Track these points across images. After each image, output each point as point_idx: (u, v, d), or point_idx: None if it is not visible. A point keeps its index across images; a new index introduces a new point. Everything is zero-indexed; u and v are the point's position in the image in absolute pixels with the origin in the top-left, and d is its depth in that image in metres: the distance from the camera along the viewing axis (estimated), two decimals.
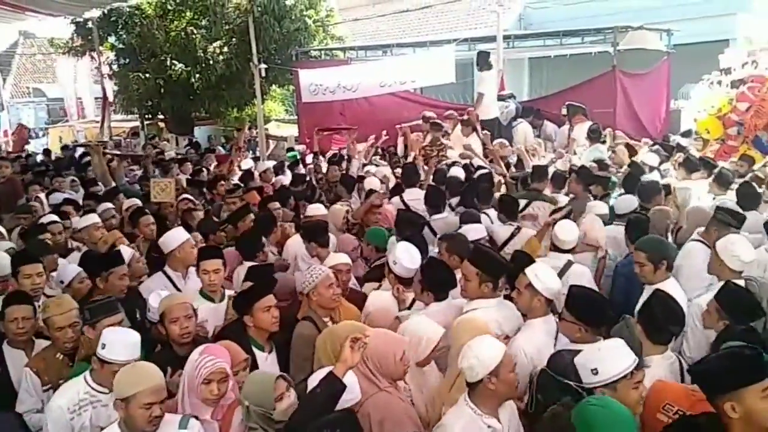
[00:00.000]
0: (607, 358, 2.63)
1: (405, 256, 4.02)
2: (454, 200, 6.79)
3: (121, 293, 4.35)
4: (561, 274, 4.32)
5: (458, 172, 7.73)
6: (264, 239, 5.35)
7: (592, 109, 10.78)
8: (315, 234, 5.26)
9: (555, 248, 4.81)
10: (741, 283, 3.83)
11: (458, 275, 3.96)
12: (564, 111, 10.97)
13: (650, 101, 12.29)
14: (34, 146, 21.36)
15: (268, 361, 3.59)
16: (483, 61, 11.21)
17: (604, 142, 9.88)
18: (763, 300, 3.89)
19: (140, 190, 8.48)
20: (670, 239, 5.36)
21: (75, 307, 3.78)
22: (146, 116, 19.44)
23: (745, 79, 9.52)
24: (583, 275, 4.60)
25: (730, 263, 4.01)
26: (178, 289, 4.64)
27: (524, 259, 4.08)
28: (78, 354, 3.63)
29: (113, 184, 8.41)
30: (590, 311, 3.27)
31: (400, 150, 10.73)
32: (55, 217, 6.32)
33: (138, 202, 7.07)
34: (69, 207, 7.07)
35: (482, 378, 2.67)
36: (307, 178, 9.01)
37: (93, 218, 6.22)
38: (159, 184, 7.04)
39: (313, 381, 2.80)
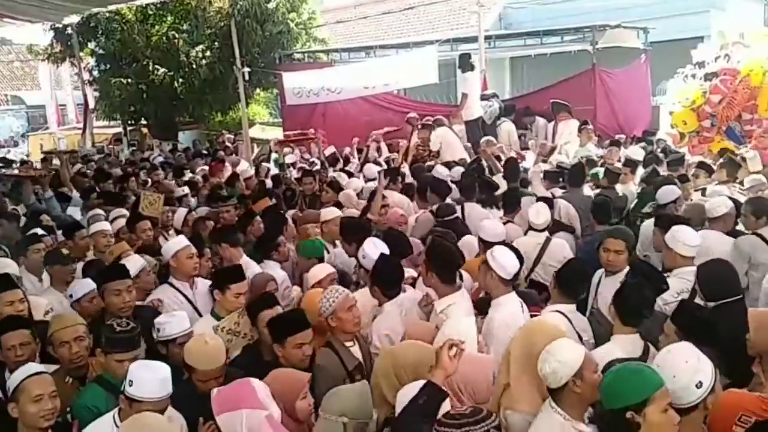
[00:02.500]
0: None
1: (372, 251, 4.19)
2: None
3: (126, 311, 4.00)
4: (543, 248, 5.07)
5: (442, 171, 7.86)
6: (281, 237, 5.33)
7: (573, 107, 10.97)
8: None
9: (531, 228, 5.33)
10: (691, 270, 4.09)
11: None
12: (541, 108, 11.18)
13: (631, 98, 12.53)
14: (14, 155, 21.12)
15: None
16: (465, 62, 11.34)
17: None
18: None
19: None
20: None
21: (80, 322, 3.54)
22: (129, 122, 19.29)
23: (718, 72, 9.76)
24: (563, 247, 5.19)
25: (682, 251, 4.24)
26: (189, 300, 4.49)
27: None
28: (88, 376, 3.44)
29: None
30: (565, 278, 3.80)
31: (371, 155, 10.78)
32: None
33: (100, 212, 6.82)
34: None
35: (567, 381, 2.56)
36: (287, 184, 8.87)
37: (103, 225, 5.95)
38: (148, 197, 6.91)
39: (406, 395, 2.59)
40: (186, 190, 8.47)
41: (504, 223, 5.70)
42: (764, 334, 3.04)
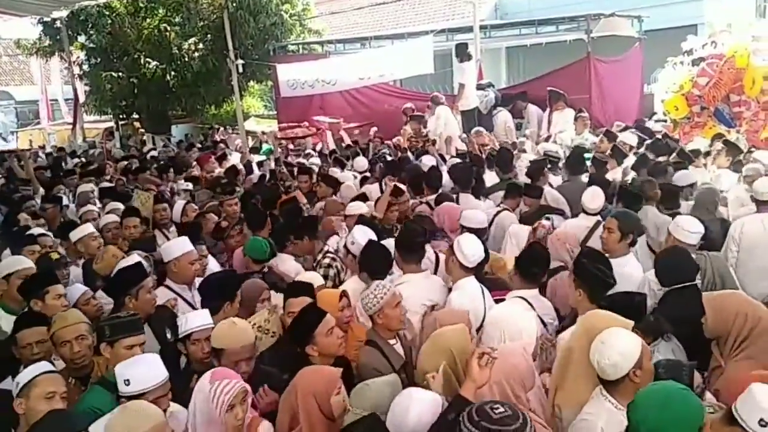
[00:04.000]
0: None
1: (362, 238, 4.34)
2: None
3: (152, 309, 3.92)
4: (592, 231, 5.02)
5: (430, 161, 7.98)
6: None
7: (568, 96, 10.98)
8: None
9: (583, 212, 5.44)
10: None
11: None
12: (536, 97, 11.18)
13: (625, 87, 12.54)
14: None
15: None
16: (462, 52, 11.33)
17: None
18: (714, 271, 4.19)
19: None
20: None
21: (83, 320, 3.46)
22: (121, 116, 19.14)
23: (705, 57, 9.81)
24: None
25: (686, 239, 4.23)
26: (189, 303, 4.27)
27: None
28: (92, 377, 3.36)
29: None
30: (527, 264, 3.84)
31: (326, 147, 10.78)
32: (43, 230, 5.96)
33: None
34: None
35: (627, 372, 2.53)
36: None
37: (88, 228, 5.68)
38: (141, 196, 6.84)
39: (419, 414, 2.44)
40: (188, 185, 8.40)
41: (499, 212, 5.89)
42: (719, 317, 3.12)
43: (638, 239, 4.60)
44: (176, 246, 4.42)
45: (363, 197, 6.29)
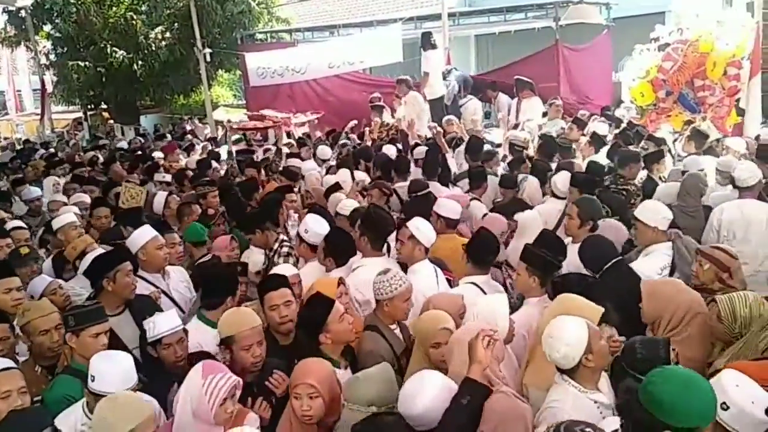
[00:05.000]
0: None
1: (316, 226, 4.38)
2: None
3: (132, 293, 3.87)
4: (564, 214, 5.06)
5: (390, 151, 8.03)
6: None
7: (537, 83, 10.98)
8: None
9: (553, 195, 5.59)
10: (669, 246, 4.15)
11: None
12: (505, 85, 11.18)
13: (593, 74, 12.57)
14: None
15: (344, 379, 3.06)
16: (426, 41, 11.22)
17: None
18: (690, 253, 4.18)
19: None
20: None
21: (56, 310, 3.46)
22: (89, 106, 18.88)
23: (670, 42, 9.88)
24: None
25: (660, 225, 4.22)
26: (164, 292, 4.25)
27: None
28: (58, 366, 3.36)
29: None
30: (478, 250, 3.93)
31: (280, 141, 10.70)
32: (19, 222, 5.88)
33: None
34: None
35: (579, 360, 2.57)
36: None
37: (69, 217, 5.53)
38: (130, 190, 6.69)
39: (424, 395, 2.46)
40: (167, 177, 8.29)
41: (471, 200, 5.84)
42: (654, 302, 3.19)
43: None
44: (140, 234, 4.37)
45: (337, 187, 6.23)
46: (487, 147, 7.78)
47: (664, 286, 3.32)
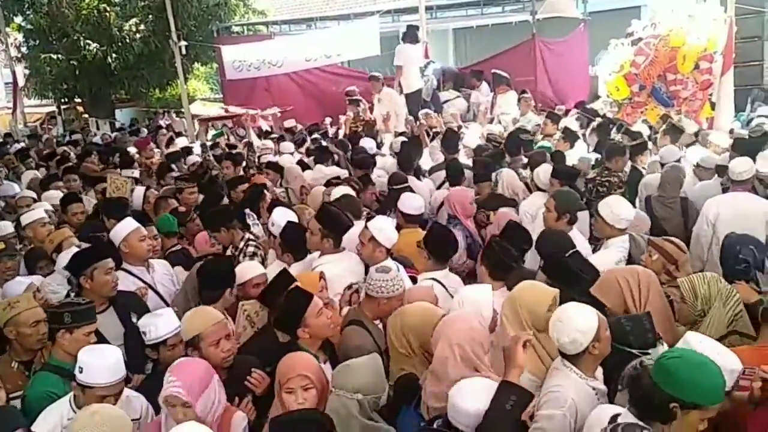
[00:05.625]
0: None
1: (282, 219, 4.41)
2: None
3: (113, 291, 3.80)
4: None
5: (368, 143, 8.06)
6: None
7: (514, 77, 11.00)
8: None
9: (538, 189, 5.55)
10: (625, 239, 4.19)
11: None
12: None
13: (570, 68, 12.63)
14: None
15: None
16: (412, 34, 11.15)
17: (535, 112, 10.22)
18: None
19: None
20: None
21: (39, 305, 3.50)
22: (62, 100, 18.57)
23: (644, 37, 9.97)
24: None
25: (617, 224, 4.26)
26: (149, 285, 4.21)
27: None
28: (36, 363, 3.36)
29: None
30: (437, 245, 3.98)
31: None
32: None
33: None
34: None
35: (586, 347, 2.60)
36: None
37: (38, 213, 5.49)
38: (115, 182, 6.58)
39: (464, 393, 2.44)
40: (135, 172, 8.18)
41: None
42: (607, 294, 3.25)
43: None
44: (123, 226, 4.33)
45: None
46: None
47: (606, 276, 3.40)
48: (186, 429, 2.26)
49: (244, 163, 8.04)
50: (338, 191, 5.35)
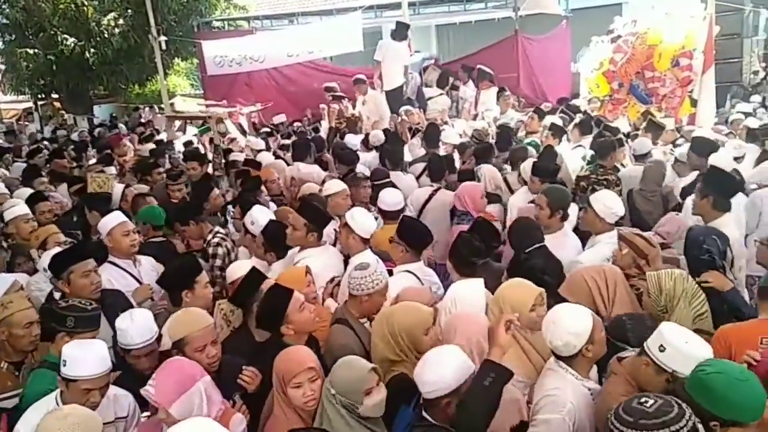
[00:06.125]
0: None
1: (261, 217, 4.44)
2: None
3: (94, 293, 3.68)
4: None
5: (353, 140, 8.08)
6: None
7: (497, 74, 10.99)
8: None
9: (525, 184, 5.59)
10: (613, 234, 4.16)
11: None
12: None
13: (553, 64, 12.69)
14: None
15: None
16: (400, 31, 11.03)
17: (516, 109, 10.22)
18: None
19: None
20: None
21: (33, 306, 3.43)
22: (39, 95, 18.25)
23: (622, 34, 10.05)
24: None
25: (608, 218, 4.25)
26: (135, 278, 4.20)
27: None
28: (27, 364, 3.32)
29: None
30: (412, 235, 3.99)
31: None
32: None
33: None
34: None
35: (579, 349, 2.61)
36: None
37: (22, 209, 5.38)
38: (96, 179, 6.45)
39: (440, 374, 2.48)
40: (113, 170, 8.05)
41: (437, 190, 5.86)
42: (575, 292, 3.29)
43: None
44: (107, 220, 4.34)
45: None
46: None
47: (573, 276, 3.44)
48: (188, 425, 2.19)
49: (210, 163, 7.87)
50: (331, 185, 5.30)
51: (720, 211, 4.21)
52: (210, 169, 7.51)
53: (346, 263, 4.18)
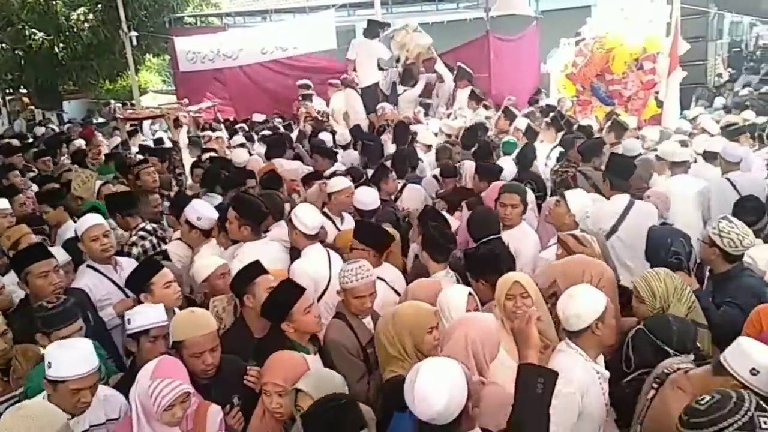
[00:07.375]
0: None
1: (206, 210, 4.45)
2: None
3: (53, 294, 3.48)
4: None
5: (326, 137, 8.12)
6: None
7: None
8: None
9: None
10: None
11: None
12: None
13: (522, 65, 12.85)
14: None
15: (313, 364, 3.00)
16: (372, 29, 11.11)
17: (487, 107, 10.33)
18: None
19: None
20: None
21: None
22: (7, 91, 17.92)
23: (585, 38, 10.28)
24: None
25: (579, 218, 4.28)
26: (115, 284, 3.98)
27: None
28: (13, 369, 3.14)
29: None
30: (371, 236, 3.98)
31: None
32: None
33: None
34: None
35: (589, 324, 2.64)
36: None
37: (1, 203, 5.21)
38: (80, 176, 6.34)
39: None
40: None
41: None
42: (568, 281, 3.18)
43: None
44: (78, 224, 4.12)
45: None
46: None
47: (571, 262, 3.45)
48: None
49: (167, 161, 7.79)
50: (336, 183, 5.13)
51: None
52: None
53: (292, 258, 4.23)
